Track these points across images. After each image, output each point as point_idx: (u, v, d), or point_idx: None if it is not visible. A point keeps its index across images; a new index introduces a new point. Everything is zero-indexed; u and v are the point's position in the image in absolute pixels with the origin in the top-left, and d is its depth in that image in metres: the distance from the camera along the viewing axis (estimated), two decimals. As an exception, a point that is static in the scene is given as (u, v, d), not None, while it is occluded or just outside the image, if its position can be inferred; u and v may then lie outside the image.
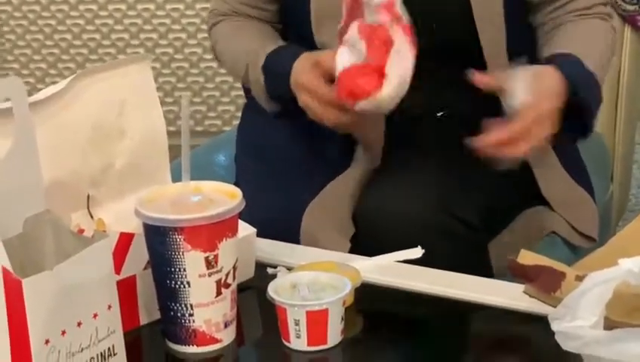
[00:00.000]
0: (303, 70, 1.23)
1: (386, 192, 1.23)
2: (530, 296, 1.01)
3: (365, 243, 1.21)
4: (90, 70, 1.04)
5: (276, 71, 1.27)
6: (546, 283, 0.97)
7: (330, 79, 1.19)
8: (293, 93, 1.24)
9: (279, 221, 1.25)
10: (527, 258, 0.99)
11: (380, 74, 1.13)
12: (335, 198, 1.28)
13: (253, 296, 1.09)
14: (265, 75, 1.29)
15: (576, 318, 0.83)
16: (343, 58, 1.16)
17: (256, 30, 1.38)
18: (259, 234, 1.12)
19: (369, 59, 1.14)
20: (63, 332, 0.87)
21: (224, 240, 0.95)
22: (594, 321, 0.83)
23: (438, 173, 1.25)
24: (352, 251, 1.22)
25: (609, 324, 0.84)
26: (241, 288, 1.02)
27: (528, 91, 1.16)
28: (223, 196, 0.98)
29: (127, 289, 0.99)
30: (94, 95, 1.04)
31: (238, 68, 1.35)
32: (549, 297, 0.98)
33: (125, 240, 1.00)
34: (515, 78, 1.17)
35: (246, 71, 1.33)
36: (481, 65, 1.26)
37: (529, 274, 0.99)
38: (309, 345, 0.96)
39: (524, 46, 1.30)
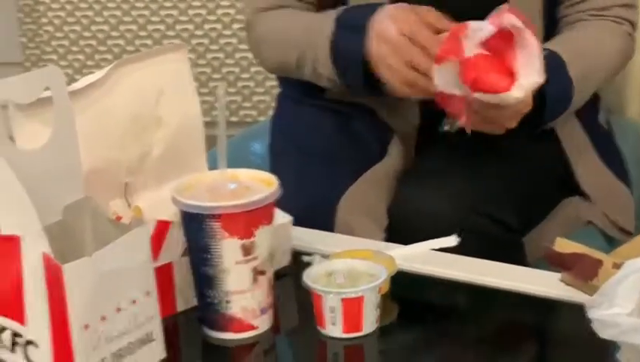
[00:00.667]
0: (394, 16, 1.17)
1: (421, 190, 1.22)
2: (567, 284, 1.00)
3: (398, 240, 1.21)
4: (128, 59, 1.05)
5: (350, 24, 1.22)
6: (583, 270, 0.96)
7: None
8: (365, 55, 1.19)
9: (315, 209, 1.25)
10: (563, 246, 0.99)
11: (510, 72, 1.11)
12: (370, 188, 1.28)
13: (289, 283, 1.09)
14: (335, 36, 1.23)
15: (614, 306, 0.83)
16: (469, 42, 1.12)
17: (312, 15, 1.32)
18: (295, 223, 1.13)
19: (497, 53, 1.12)
20: (103, 318, 0.88)
21: (260, 227, 0.96)
22: (631, 309, 0.82)
23: (473, 171, 1.25)
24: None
25: None
26: (277, 276, 1.03)
27: None
28: (260, 184, 0.99)
29: (164, 277, 1.00)
30: (132, 84, 1.05)
31: (292, 45, 1.29)
32: (585, 285, 0.97)
33: (162, 227, 1.01)
34: None
35: (304, 48, 1.27)
36: None
37: (566, 262, 0.98)
38: (344, 332, 0.97)
39: None
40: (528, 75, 1.12)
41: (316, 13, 1.30)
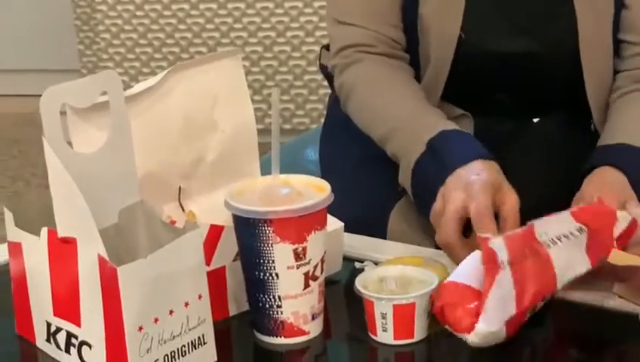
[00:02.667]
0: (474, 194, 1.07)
1: None
2: (620, 296, 0.98)
3: None
4: (184, 65, 1.06)
5: (439, 158, 1.14)
6: (638, 283, 0.94)
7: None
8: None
9: (366, 218, 1.25)
10: (618, 258, 0.97)
11: (476, 312, 0.93)
12: None
13: (340, 289, 1.09)
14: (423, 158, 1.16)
15: None
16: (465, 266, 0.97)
17: (408, 95, 1.25)
18: (346, 230, 1.13)
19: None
20: (156, 320, 0.89)
21: (313, 232, 0.96)
22: None
23: (527, 188, 1.24)
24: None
25: None
26: (329, 282, 1.03)
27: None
28: (312, 189, 0.99)
29: (216, 280, 1.01)
30: (187, 89, 1.06)
31: (383, 124, 1.23)
32: None
33: (215, 232, 1.02)
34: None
35: (394, 139, 1.21)
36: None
37: (621, 274, 0.96)
38: (395, 338, 0.96)
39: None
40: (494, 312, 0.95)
41: (417, 105, 1.23)
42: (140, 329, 0.88)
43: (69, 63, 3.30)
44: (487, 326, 0.92)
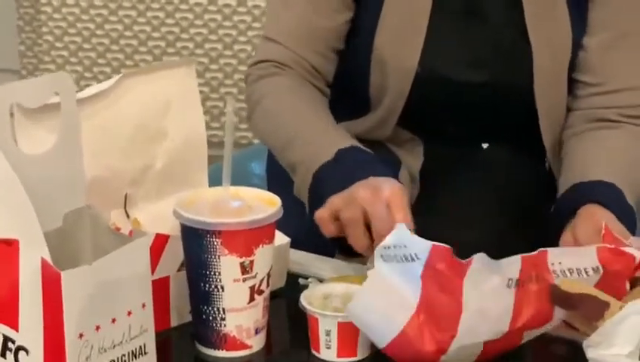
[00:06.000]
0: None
1: (429, 227, 1.21)
2: (569, 324, 0.97)
3: None
4: (137, 70, 1.05)
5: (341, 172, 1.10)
6: (588, 312, 0.93)
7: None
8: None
9: (313, 235, 1.24)
10: (570, 285, 0.95)
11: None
12: None
13: (283, 305, 1.09)
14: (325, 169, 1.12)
15: (612, 346, 0.82)
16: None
17: (319, 112, 1.22)
18: (292, 246, 1.12)
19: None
20: (97, 328, 0.87)
21: (261, 246, 0.96)
22: (630, 350, 0.82)
23: (483, 210, 1.25)
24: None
25: None
26: (272, 297, 1.02)
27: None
28: (262, 203, 0.99)
29: (160, 290, 1.00)
30: (139, 95, 1.05)
31: (282, 142, 1.20)
32: (590, 327, 0.93)
33: (160, 241, 1.01)
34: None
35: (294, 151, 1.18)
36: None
37: (573, 302, 0.95)
38: (338, 356, 0.96)
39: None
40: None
41: (326, 120, 1.21)
42: (81, 336, 0.86)
43: (8, 63, 3.24)
44: (458, 341, 0.91)
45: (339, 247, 1.16)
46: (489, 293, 0.93)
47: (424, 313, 0.91)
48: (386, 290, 0.92)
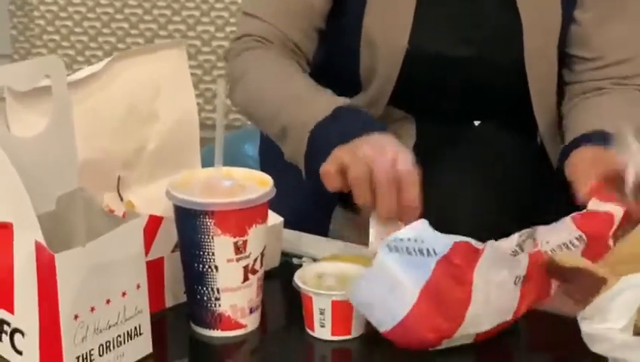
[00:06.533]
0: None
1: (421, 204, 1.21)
2: (568, 296, 0.97)
3: None
4: (127, 53, 1.05)
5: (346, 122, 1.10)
6: (583, 287, 0.92)
7: None
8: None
9: (307, 214, 1.25)
10: (564, 259, 0.95)
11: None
12: None
13: (277, 285, 1.09)
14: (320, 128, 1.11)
15: (606, 320, 0.82)
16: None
17: (307, 79, 1.22)
18: (285, 226, 1.13)
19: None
20: (92, 309, 0.88)
21: (254, 226, 0.96)
22: (624, 325, 0.82)
23: (474, 187, 1.25)
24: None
25: (637, 330, 0.84)
26: (266, 276, 1.03)
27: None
28: (254, 183, 0.99)
29: (154, 271, 1.00)
30: (130, 77, 1.05)
31: (273, 106, 1.18)
32: (586, 302, 0.92)
33: (154, 222, 1.01)
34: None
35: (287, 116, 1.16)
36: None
37: (566, 275, 0.95)
38: (332, 334, 0.97)
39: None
40: None
41: (314, 84, 1.20)
42: (76, 317, 0.87)
43: (1, 48, 3.23)
44: (463, 329, 0.92)
45: (339, 199, 1.15)
46: (497, 287, 0.93)
47: (428, 302, 0.91)
48: (387, 281, 0.92)
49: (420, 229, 0.92)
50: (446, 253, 0.92)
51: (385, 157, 1.01)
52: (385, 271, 0.92)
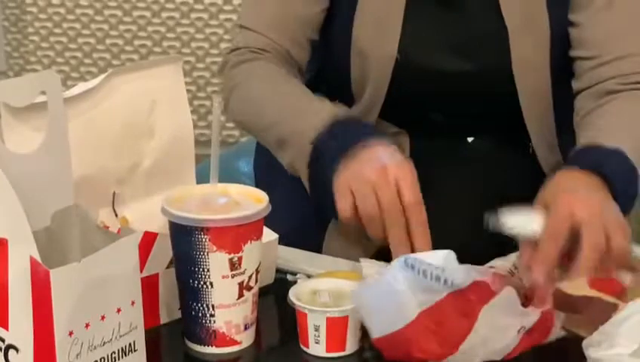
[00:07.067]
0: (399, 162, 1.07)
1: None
2: (569, 328, 0.95)
3: None
4: (123, 68, 1.05)
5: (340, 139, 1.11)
6: (593, 315, 0.91)
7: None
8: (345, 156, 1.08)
9: (301, 231, 1.25)
10: (574, 288, 0.93)
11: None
12: None
13: (272, 301, 1.09)
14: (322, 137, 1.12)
15: (615, 346, 0.81)
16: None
17: (303, 88, 1.23)
18: (280, 243, 1.13)
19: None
20: (87, 325, 0.88)
21: (249, 242, 0.96)
22: (634, 349, 0.80)
23: (469, 203, 1.25)
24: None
25: None
26: (261, 293, 1.03)
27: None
28: (250, 200, 0.99)
29: (149, 288, 1.00)
30: (126, 93, 1.05)
31: (271, 118, 1.20)
32: (593, 330, 0.90)
33: (149, 238, 1.01)
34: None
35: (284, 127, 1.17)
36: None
37: (575, 305, 0.93)
38: (327, 351, 0.97)
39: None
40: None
41: (311, 95, 1.22)
42: (71, 334, 0.87)
43: (-5, 64, 3.23)
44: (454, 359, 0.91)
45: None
46: (498, 330, 0.93)
47: (426, 323, 0.91)
48: (391, 293, 0.92)
49: (444, 258, 0.93)
50: (463, 288, 0.92)
51: (388, 184, 1.04)
52: (392, 285, 0.92)
